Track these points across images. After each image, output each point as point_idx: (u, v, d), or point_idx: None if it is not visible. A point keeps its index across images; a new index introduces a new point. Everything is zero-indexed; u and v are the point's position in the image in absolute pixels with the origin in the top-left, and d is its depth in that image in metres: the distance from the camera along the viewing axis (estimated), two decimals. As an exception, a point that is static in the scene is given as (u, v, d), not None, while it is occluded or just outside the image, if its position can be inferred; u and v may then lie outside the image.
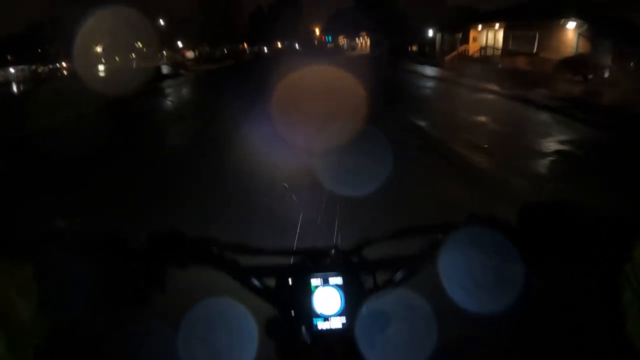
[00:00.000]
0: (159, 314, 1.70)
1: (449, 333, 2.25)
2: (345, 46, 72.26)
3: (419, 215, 4.03)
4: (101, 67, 48.50)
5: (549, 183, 5.55)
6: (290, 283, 0.70)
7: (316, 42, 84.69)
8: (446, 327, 2.18)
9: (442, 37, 30.44)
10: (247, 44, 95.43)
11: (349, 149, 6.92)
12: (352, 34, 67.86)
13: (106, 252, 0.59)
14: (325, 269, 0.70)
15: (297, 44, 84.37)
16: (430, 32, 33.21)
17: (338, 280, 0.69)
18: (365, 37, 62.07)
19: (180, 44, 64.47)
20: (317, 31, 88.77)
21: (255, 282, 0.70)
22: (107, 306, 0.60)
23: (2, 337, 0.44)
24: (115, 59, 58.14)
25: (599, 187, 5.11)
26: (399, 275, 0.70)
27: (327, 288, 0.68)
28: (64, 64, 47.93)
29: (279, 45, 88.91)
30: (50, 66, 47.34)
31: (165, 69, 33.08)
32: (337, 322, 0.67)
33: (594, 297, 0.57)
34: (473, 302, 0.70)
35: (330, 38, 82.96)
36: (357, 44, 68.20)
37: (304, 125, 8.99)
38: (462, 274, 0.67)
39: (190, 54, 63.64)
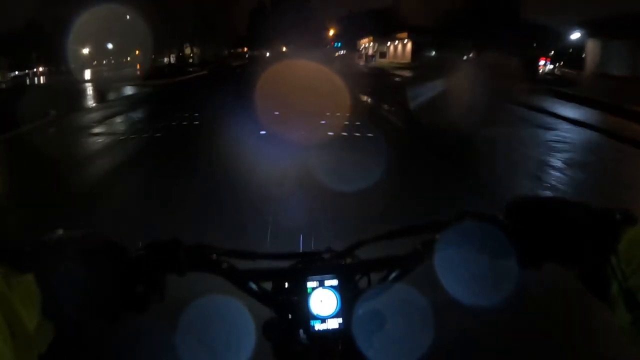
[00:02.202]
0: (158, 319, 1.36)
1: (446, 331, 2.28)
2: (369, 52, 60.80)
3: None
4: (87, 74, 39.60)
5: None
6: (286, 286, 0.71)
7: (328, 46, 75.01)
8: (443, 325, 2.19)
9: (604, 46, 20.09)
10: (247, 47, 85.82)
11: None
12: (383, 36, 56.30)
13: (105, 259, 0.60)
14: (320, 271, 0.71)
15: (304, 48, 74.66)
16: (575, 36, 23.40)
17: (333, 281, 0.70)
18: (405, 40, 50.59)
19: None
20: (332, 32, 78.24)
21: (253, 285, 0.70)
22: (107, 313, 0.60)
23: (7, 345, 0.45)
24: (109, 62, 48.78)
25: None
26: (393, 275, 0.70)
27: (322, 290, 0.69)
28: (40, 69, 38.37)
29: (284, 49, 79.42)
30: (17, 73, 37.65)
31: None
32: (334, 323, 0.68)
33: (583, 290, 0.57)
34: (468, 298, 0.72)
35: (339, 44, 73.96)
36: (389, 48, 57.21)
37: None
38: (457, 271, 0.67)
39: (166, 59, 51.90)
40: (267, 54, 77.43)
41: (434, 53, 40.20)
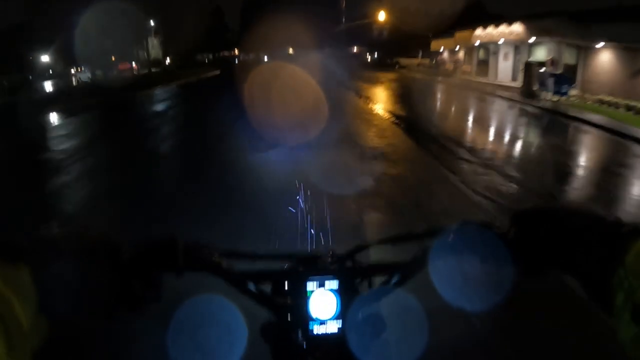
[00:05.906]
0: (155, 319, 1.45)
1: (444, 336, 2.23)
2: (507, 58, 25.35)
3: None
4: (48, 85, 32.06)
5: None
6: (286, 287, 0.71)
7: (355, 48, 57.60)
8: (441, 330, 2.15)
9: None
10: (239, 48, 67.68)
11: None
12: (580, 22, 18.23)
13: (102, 257, 0.59)
14: (321, 273, 0.70)
15: (318, 49, 56.40)
16: None
17: (334, 284, 0.70)
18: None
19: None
20: (383, 16, 47.03)
21: (252, 286, 0.70)
22: (102, 311, 0.60)
23: (1, 340, 0.44)
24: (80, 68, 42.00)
25: None
26: (393, 279, 0.70)
27: (322, 292, 0.69)
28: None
29: (291, 50, 62.23)
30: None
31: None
32: (333, 326, 0.68)
33: (587, 302, 0.57)
34: (466, 304, 0.71)
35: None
36: (594, 56, 18.10)
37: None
38: (456, 277, 0.69)
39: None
40: (266, 58, 59.83)
41: None
